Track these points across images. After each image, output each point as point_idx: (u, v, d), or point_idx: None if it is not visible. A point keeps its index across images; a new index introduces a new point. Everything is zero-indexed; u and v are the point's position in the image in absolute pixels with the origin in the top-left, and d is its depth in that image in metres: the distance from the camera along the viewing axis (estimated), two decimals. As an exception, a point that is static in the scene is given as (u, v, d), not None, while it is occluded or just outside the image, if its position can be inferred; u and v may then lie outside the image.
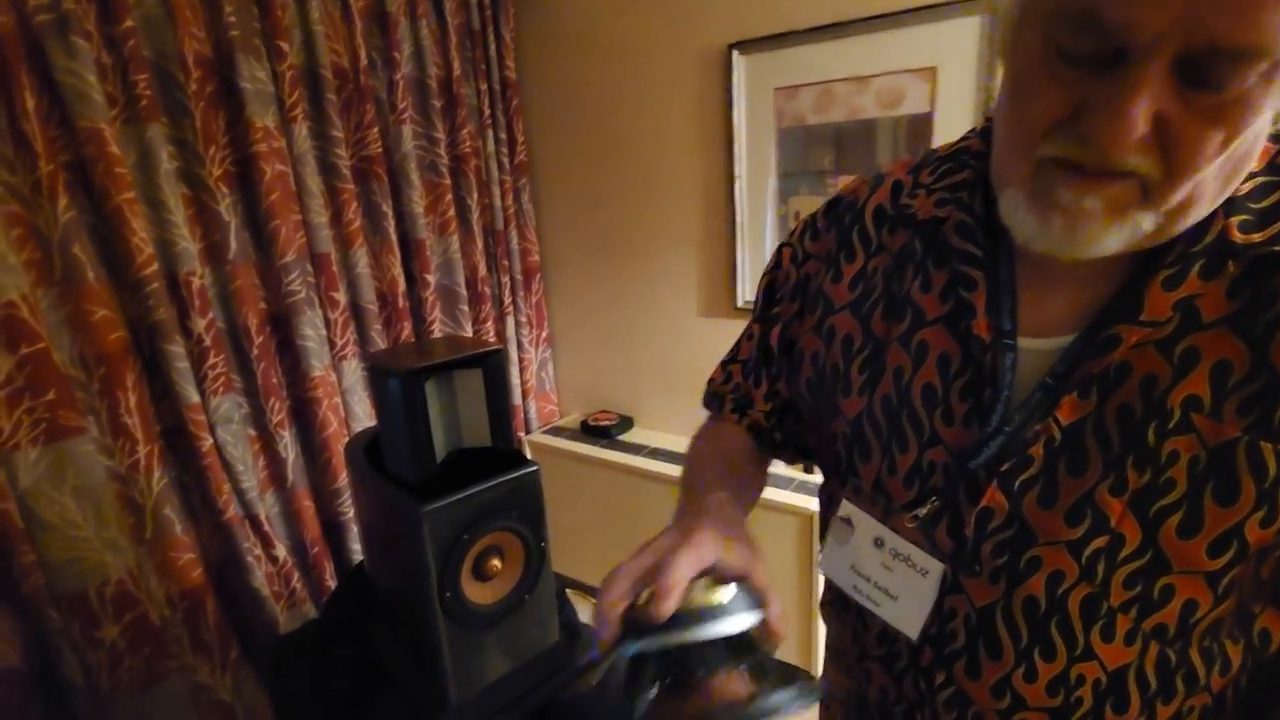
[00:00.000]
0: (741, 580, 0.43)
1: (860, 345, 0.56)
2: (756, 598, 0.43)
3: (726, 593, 0.41)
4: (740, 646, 0.41)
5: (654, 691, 0.39)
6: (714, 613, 0.40)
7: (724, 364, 0.73)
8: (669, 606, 0.40)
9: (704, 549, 0.43)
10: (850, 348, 0.56)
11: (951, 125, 1.47)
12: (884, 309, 0.54)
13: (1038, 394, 0.45)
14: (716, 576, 0.43)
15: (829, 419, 0.59)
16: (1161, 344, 0.42)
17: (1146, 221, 0.38)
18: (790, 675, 0.40)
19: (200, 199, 1.48)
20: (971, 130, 0.55)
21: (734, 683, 0.39)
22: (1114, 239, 0.39)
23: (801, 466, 1.69)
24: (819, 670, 0.80)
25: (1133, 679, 0.45)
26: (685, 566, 0.41)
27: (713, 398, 0.73)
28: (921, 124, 1.50)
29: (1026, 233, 0.42)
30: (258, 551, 1.58)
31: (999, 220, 0.46)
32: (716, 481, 0.59)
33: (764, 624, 0.43)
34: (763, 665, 0.41)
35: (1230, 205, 0.41)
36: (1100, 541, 0.43)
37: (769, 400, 0.67)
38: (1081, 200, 0.39)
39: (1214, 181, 0.38)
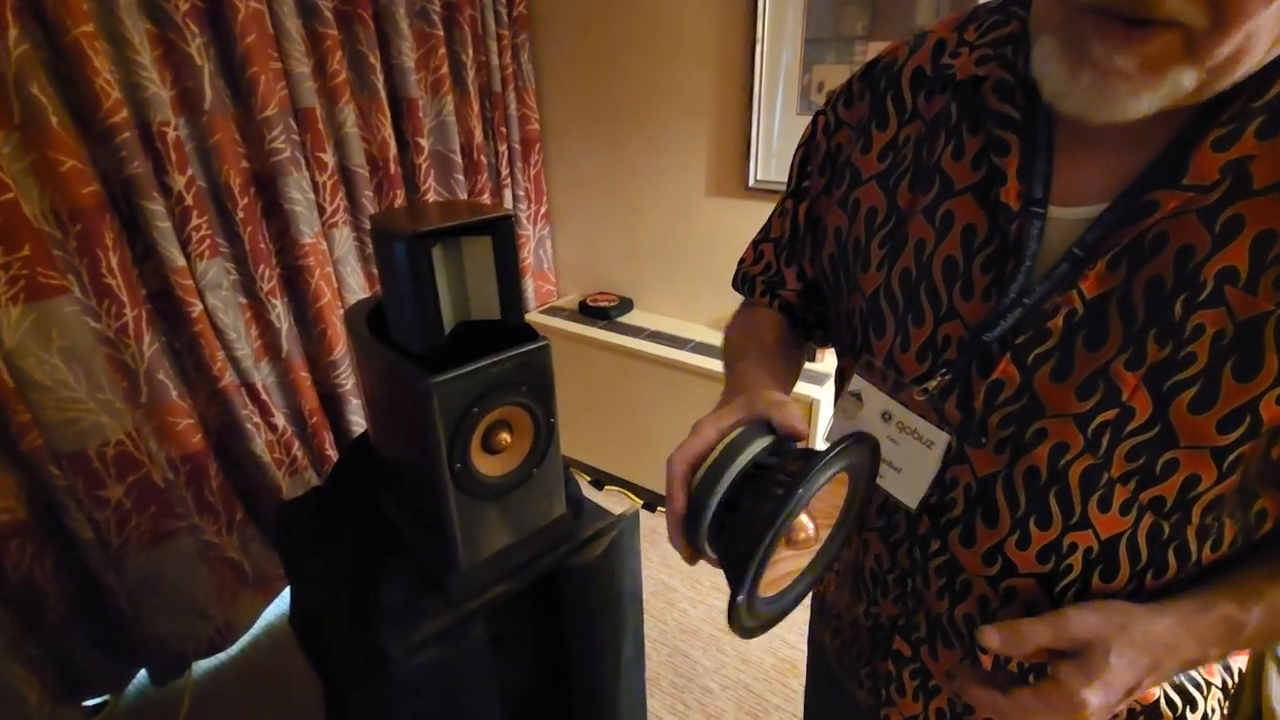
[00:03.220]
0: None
1: (884, 219, 0.53)
2: (763, 424, 0.45)
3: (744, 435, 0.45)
4: (770, 460, 0.43)
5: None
6: (732, 450, 0.43)
7: (755, 243, 0.69)
8: (708, 439, 0.44)
9: (724, 412, 0.46)
10: (873, 221, 0.54)
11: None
12: (911, 179, 0.51)
13: (1063, 265, 0.43)
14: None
15: (848, 295, 0.57)
16: (1204, 212, 0.39)
17: (1187, 78, 0.35)
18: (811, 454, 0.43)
19: (168, 38, 1.33)
20: None
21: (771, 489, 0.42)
22: (1147, 100, 0.36)
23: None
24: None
25: (1124, 548, 0.45)
26: (710, 422, 0.45)
27: (743, 280, 0.70)
28: (970, -16, 1.35)
29: (1054, 86, 0.39)
30: (256, 419, 1.58)
31: None
32: (752, 364, 0.59)
33: (780, 432, 0.45)
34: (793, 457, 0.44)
35: None
36: (1109, 414, 0.42)
37: (801, 280, 0.65)
38: (1114, 56, 0.35)
39: (1271, 29, 0.34)
